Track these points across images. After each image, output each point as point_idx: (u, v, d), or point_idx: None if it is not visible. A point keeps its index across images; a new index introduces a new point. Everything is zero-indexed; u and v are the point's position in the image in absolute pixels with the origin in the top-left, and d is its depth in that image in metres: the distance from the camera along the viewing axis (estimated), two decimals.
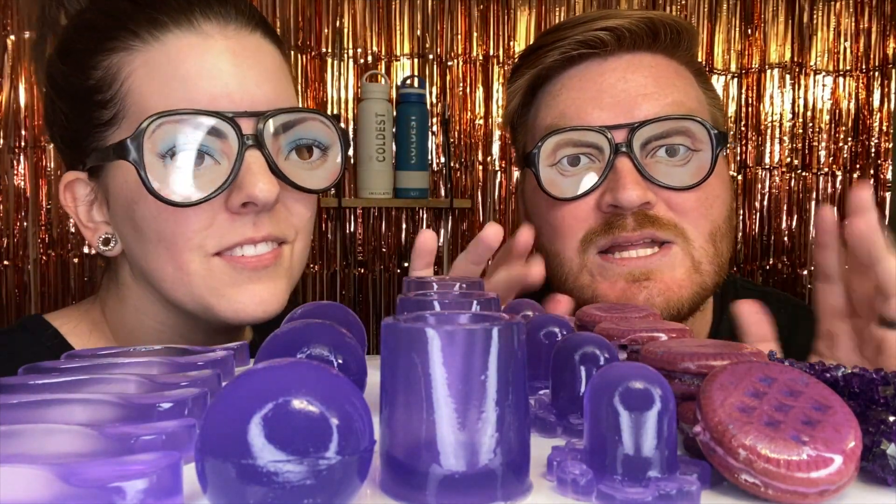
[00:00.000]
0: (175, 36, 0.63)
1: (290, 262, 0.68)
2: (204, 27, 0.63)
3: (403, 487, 0.33)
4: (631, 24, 0.76)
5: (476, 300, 0.51)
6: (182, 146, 0.60)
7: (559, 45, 0.78)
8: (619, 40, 0.77)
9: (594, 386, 0.35)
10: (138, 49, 0.63)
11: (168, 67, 0.62)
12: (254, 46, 0.65)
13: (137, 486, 0.29)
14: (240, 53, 0.64)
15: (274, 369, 0.31)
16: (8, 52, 1.75)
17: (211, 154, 0.62)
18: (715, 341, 0.47)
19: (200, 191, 0.61)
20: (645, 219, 0.74)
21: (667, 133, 0.74)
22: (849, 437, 0.34)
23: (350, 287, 1.91)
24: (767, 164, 2.02)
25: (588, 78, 0.77)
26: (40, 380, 0.46)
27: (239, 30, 0.65)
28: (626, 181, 0.72)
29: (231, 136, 0.61)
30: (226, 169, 0.62)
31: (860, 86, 2.03)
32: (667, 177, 0.74)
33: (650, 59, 0.78)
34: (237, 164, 0.61)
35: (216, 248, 0.64)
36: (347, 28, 1.89)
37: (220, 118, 0.61)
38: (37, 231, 1.79)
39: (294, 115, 0.64)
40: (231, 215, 0.63)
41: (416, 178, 1.80)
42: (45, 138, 1.78)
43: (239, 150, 0.61)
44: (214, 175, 0.62)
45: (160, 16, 0.63)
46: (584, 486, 0.33)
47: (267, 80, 0.65)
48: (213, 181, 0.62)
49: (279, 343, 0.45)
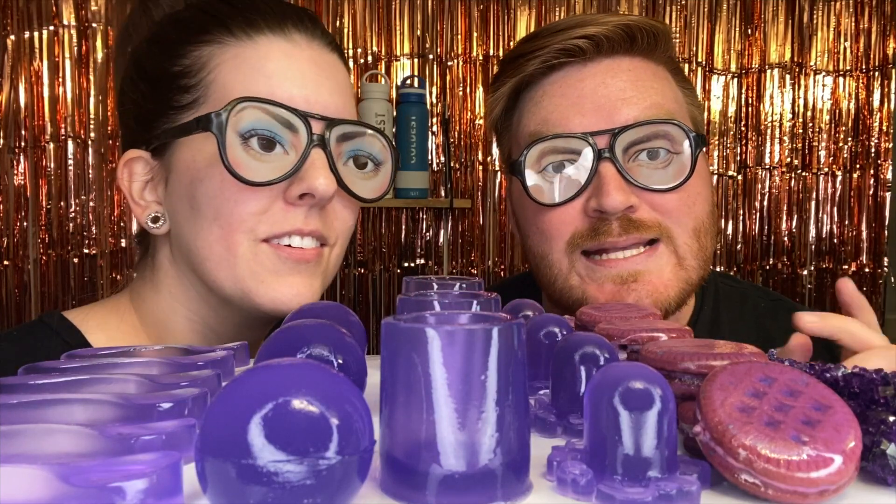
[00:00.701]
0: (267, 38, 0.69)
1: (328, 264, 0.72)
2: (294, 36, 0.70)
3: (403, 487, 0.33)
4: (608, 30, 0.78)
5: (476, 300, 0.52)
6: (260, 131, 0.66)
7: (539, 53, 0.80)
8: (597, 47, 0.79)
9: (594, 386, 0.35)
10: (230, 44, 0.69)
11: (256, 63, 0.68)
12: (332, 63, 0.72)
13: (137, 486, 0.29)
14: (320, 65, 0.70)
15: (274, 369, 0.31)
16: (8, 52, 1.76)
17: (282, 144, 0.67)
18: (715, 341, 0.47)
19: (267, 175, 0.66)
20: (630, 224, 0.76)
21: (647, 137, 0.76)
22: (849, 437, 0.34)
23: (350, 287, 1.91)
24: (767, 164, 2.02)
25: (568, 84, 0.79)
26: (40, 380, 0.46)
27: (322, 46, 0.72)
28: (609, 187, 0.74)
29: (302, 132, 0.66)
30: (293, 160, 0.67)
31: (860, 86, 2.03)
32: (649, 179, 0.76)
33: (628, 63, 0.80)
34: (304, 156, 0.66)
35: (266, 234, 0.67)
36: (347, 28, 1.89)
37: (295, 114, 0.66)
38: (37, 231, 1.79)
39: (358, 128, 0.71)
40: (286, 205, 0.67)
41: (416, 178, 1.80)
42: (45, 138, 1.78)
43: (307, 145, 0.66)
44: (282, 163, 0.67)
45: (257, 18, 0.69)
46: (584, 486, 0.33)
47: (339, 93, 0.71)
48: (279, 168, 0.66)
49: (279, 343, 0.45)
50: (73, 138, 1.79)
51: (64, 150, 1.79)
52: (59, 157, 1.79)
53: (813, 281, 2.04)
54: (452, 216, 1.94)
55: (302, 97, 0.67)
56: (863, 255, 2.05)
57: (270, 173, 0.65)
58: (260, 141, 0.66)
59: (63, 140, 1.79)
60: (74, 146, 1.79)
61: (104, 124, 1.80)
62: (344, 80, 0.73)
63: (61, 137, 1.79)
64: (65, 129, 1.79)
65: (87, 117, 1.80)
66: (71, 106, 1.79)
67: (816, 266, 2.04)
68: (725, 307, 0.92)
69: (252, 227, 0.67)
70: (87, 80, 1.80)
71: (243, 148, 0.65)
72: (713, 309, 0.91)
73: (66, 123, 1.79)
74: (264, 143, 0.66)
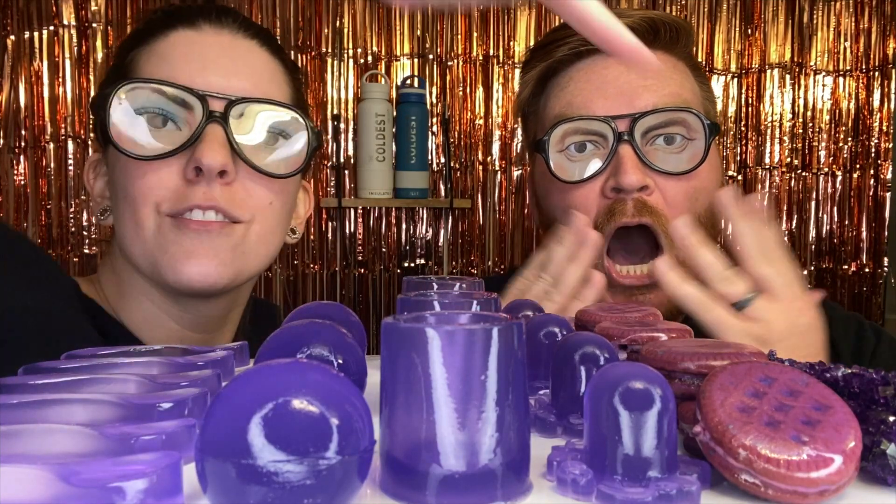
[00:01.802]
0: (177, 32, 0.74)
1: (244, 242, 0.72)
2: (203, 27, 0.74)
3: (403, 487, 0.33)
4: (633, 22, 0.82)
5: (476, 300, 0.52)
6: (150, 109, 0.69)
7: (568, 40, 0.85)
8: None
9: (594, 386, 0.35)
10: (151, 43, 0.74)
11: (163, 53, 0.73)
12: (244, 47, 0.75)
13: (137, 486, 0.29)
14: (228, 49, 0.74)
15: (274, 369, 0.31)
16: (8, 52, 1.76)
17: (174, 120, 0.70)
18: (715, 341, 0.47)
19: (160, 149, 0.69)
20: (643, 207, 0.80)
21: (665, 123, 0.81)
22: (849, 437, 0.34)
23: (350, 287, 1.91)
24: (767, 164, 2.02)
25: (594, 71, 0.83)
26: (40, 380, 0.46)
27: (234, 33, 0.75)
28: (627, 166, 0.78)
29: (197, 109, 0.69)
30: (186, 135, 0.70)
31: (860, 86, 2.03)
32: (664, 163, 0.81)
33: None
34: (197, 132, 0.68)
35: (169, 210, 0.70)
36: (347, 28, 1.89)
37: (186, 91, 0.69)
38: (37, 231, 1.79)
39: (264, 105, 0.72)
40: (186, 182, 0.69)
41: (416, 178, 1.80)
42: (45, 138, 1.78)
43: (201, 121, 0.69)
44: (174, 139, 0.70)
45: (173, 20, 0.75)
46: (584, 486, 0.33)
47: (248, 75, 0.73)
48: (171, 144, 0.69)
49: (279, 343, 0.45)
50: (73, 138, 1.79)
51: (64, 150, 1.79)
52: (59, 157, 1.79)
53: (813, 281, 2.04)
54: (452, 216, 1.94)
55: (202, 77, 0.71)
56: (863, 255, 2.05)
57: (161, 148, 0.69)
58: (149, 118, 0.69)
59: (63, 140, 1.79)
60: (74, 146, 1.79)
61: None
62: (260, 64, 0.75)
63: (61, 137, 1.79)
64: (65, 129, 1.79)
65: (87, 117, 1.80)
66: (71, 106, 1.79)
67: (816, 266, 2.04)
68: None
69: (155, 201, 0.69)
70: (87, 80, 1.80)
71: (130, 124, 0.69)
72: None
73: (66, 123, 1.79)
74: (153, 119, 0.69)
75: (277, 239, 0.78)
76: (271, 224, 0.75)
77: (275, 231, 0.76)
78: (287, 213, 0.78)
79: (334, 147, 1.86)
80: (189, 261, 0.69)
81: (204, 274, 0.69)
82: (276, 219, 0.75)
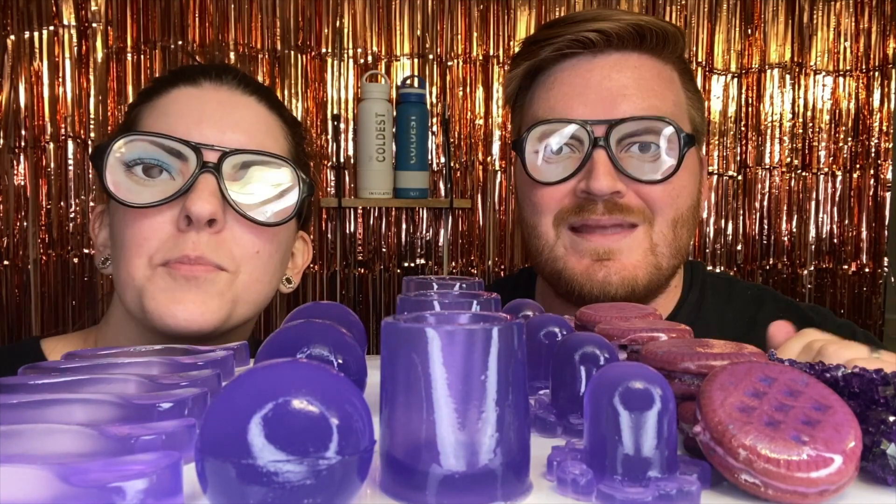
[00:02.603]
0: (178, 89, 0.77)
1: (232, 289, 0.74)
2: (202, 83, 0.77)
3: (403, 487, 0.33)
4: (619, 27, 0.83)
5: (476, 300, 0.52)
6: (146, 160, 0.72)
7: (554, 41, 0.86)
8: (607, 40, 0.84)
9: (594, 386, 0.35)
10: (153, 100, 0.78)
11: (164, 108, 0.76)
12: (241, 102, 0.78)
13: (137, 486, 0.29)
14: (225, 103, 0.76)
15: (274, 369, 0.31)
16: (8, 52, 1.76)
17: (169, 171, 0.72)
18: (715, 341, 0.47)
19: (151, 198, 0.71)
20: (614, 206, 0.82)
21: (640, 131, 0.82)
22: (849, 437, 0.34)
23: (350, 287, 1.91)
24: (767, 164, 2.02)
25: (577, 73, 0.85)
26: (40, 380, 0.46)
27: (232, 89, 0.78)
28: (599, 172, 0.80)
29: (191, 159, 0.71)
30: (179, 185, 0.71)
31: (860, 86, 2.03)
32: (638, 170, 0.82)
33: (636, 60, 0.85)
34: (191, 181, 0.70)
35: (161, 260, 0.72)
36: (347, 28, 1.89)
37: (180, 142, 0.71)
38: (37, 231, 1.79)
39: (257, 156, 0.74)
40: (177, 232, 0.71)
41: (416, 178, 1.80)
42: (45, 138, 1.78)
43: (194, 171, 0.71)
44: (168, 188, 0.71)
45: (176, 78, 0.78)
46: (584, 486, 0.33)
47: (244, 128, 0.75)
48: (164, 193, 0.71)
49: (279, 343, 0.45)
50: (73, 138, 1.79)
51: (64, 150, 1.79)
52: (59, 157, 1.79)
53: (813, 281, 2.04)
54: (452, 216, 1.94)
55: (198, 131, 0.73)
56: (863, 255, 2.05)
57: (152, 197, 0.71)
58: (144, 168, 0.72)
59: (63, 140, 1.79)
60: (74, 146, 1.79)
61: (104, 124, 1.80)
62: (254, 117, 0.78)
63: (61, 137, 1.79)
64: (65, 129, 1.79)
65: (87, 117, 1.80)
66: (71, 106, 1.79)
67: (816, 266, 2.04)
68: (712, 293, 0.97)
69: (148, 251, 0.72)
70: (87, 80, 1.80)
71: (126, 174, 0.72)
72: (700, 294, 0.97)
73: (66, 123, 1.79)
74: (149, 170, 0.72)
75: (267, 288, 0.79)
76: (258, 273, 0.76)
77: (262, 280, 0.77)
78: (277, 262, 0.79)
79: (334, 147, 1.86)
80: (177, 306, 0.71)
81: (190, 319, 0.71)
82: (263, 267, 0.76)
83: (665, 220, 0.84)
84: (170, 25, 1.80)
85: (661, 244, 0.85)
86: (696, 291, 0.96)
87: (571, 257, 0.85)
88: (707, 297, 0.96)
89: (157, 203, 0.71)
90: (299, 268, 0.87)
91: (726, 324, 0.94)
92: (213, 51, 1.80)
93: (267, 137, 0.78)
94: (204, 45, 1.80)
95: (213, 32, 1.81)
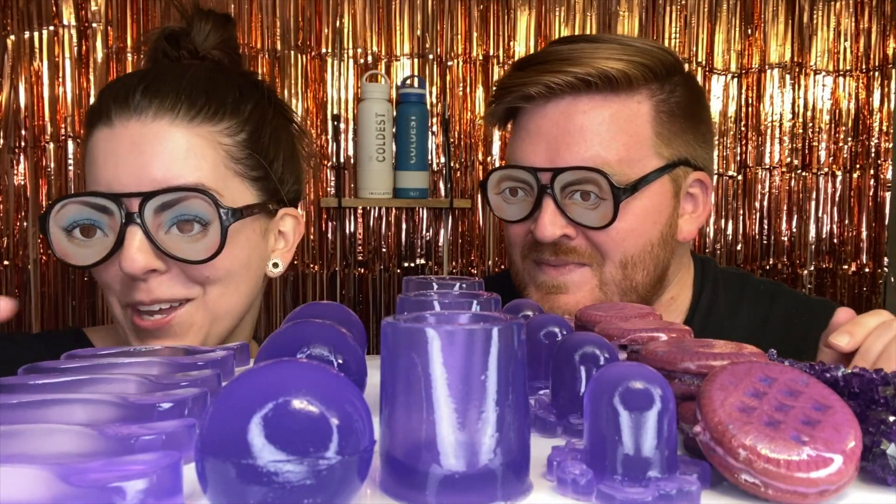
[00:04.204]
0: (98, 130, 0.76)
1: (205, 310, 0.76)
2: (113, 120, 0.75)
3: (403, 487, 0.33)
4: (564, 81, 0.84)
5: (476, 300, 0.52)
6: (81, 221, 0.73)
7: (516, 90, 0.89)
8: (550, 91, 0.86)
9: (594, 386, 0.35)
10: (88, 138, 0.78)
11: (91, 154, 0.76)
12: (153, 133, 0.74)
13: (137, 486, 0.29)
14: (137, 141, 0.74)
15: (274, 369, 0.31)
16: (8, 52, 1.76)
17: (101, 227, 0.73)
18: (715, 341, 0.47)
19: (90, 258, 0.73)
20: (562, 249, 0.86)
21: (580, 181, 0.84)
22: (849, 437, 0.34)
23: (350, 287, 1.91)
24: (767, 164, 2.02)
25: (532, 120, 0.89)
26: (40, 380, 0.46)
27: (142, 119, 0.74)
28: (543, 221, 0.85)
29: (116, 213, 0.71)
30: (112, 241, 0.72)
31: (860, 86, 2.03)
32: (582, 217, 0.85)
33: (586, 103, 0.86)
34: (119, 238, 0.71)
35: (125, 302, 0.75)
36: (347, 28, 1.89)
37: (102, 197, 0.72)
38: (37, 231, 1.79)
39: (174, 194, 0.72)
40: (128, 279, 0.73)
41: (416, 178, 1.80)
42: (45, 138, 1.78)
43: (121, 225, 0.71)
44: (103, 246, 0.73)
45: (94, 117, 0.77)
46: (584, 486, 0.33)
47: (160, 163, 0.73)
48: (100, 252, 0.73)
49: (279, 343, 0.45)
50: (73, 138, 1.79)
51: (64, 150, 1.79)
52: (59, 157, 1.79)
53: (813, 281, 2.04)
54: (452, 216, 1.94)
55: (115, 178, 0.73)
56: (863, 255, 2.05)
57: (93, 257, 0.73)
58: (81, 230, 0.73)
59: (63, 140, 1.79)
60: (74, 146, 1.79)
61: None
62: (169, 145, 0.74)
63: (61, 137, 1.78)
64: (65, 129, 1.79)
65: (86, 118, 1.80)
66: (71, 106, 1.79)
67: (816, 266, 2.04)
68: (724, 289, 0.98)
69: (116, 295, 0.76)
70: (87, 80, 1.80)
71: (68, 239, 0.74)
72: (712, 292, 0.97)
73: (66, 123, 1.79)
74: (85, 230, 0.73)
75: (241, 292, 0.79)
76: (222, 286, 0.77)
77: (227, 291, 0.77)
78: (242, 266, 0.78)
79: (334, 147, 1.86)
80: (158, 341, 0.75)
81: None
82: (225, 280, 0.77)
83: (613, 262, 0.87)
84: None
85: (610, 283, 0.88)
86: (707, 291, 0.97)
87: (531, 287, 0.91)
88: (720, 295, 0.97)
89: (97, 263, 0.73)
90: (290, 245, 0.85)
91: (740, 321, 0.95)
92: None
93: (187, 162, 0.74)
94: None
95: None
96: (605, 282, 0.88)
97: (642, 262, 0.88)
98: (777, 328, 0.95)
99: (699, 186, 0.92)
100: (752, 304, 0.97)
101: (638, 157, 0.86)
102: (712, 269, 1.00)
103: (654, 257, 0.89)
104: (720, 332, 0.92)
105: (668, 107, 0.88)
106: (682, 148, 0.89)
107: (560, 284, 0.88)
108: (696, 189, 0.91)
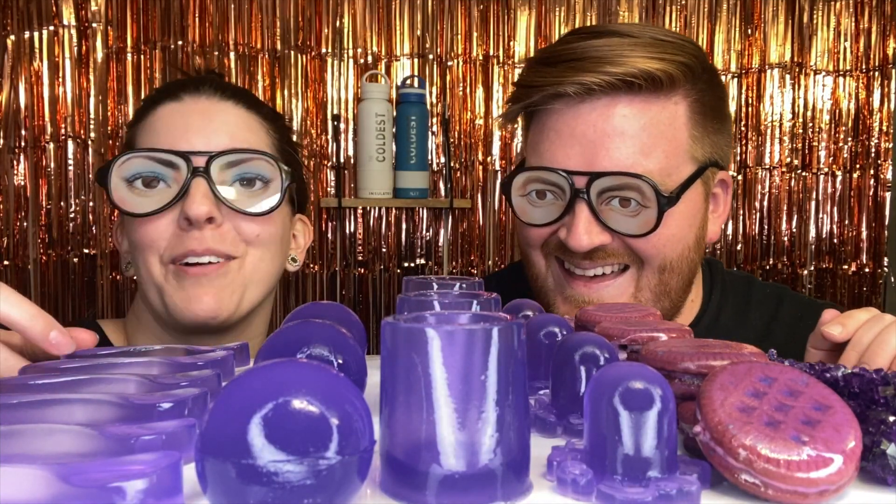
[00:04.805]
0: (163, 106, 0.85)
1: (243, 272, 0.83)
2: (182, 97, 0.85)
3: (403, 487, 0.33)
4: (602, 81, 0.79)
5: (476, 300, 0.52)
6: (143, 173, 0.80)
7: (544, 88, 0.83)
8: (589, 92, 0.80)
9: (594, 386, 0.35)
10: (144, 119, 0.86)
11: (152, 125, 0.84)
12: (220, 108, 0.85)
13: (137, 486, 0.29)
14: (206, 112, 0.84)
15: (274, 369, 0.31)
16: (8, 52, 1.76)
17: (164, 180, 0.80)
18: (715, 341, 0.47)
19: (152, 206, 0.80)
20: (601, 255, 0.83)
21: (620, 186, 0.80)
22: (849, 437, 0.34)
23: (350, 287, 1.91)
24: (767, 164, 2.02)
25: (563, 121, 0.83)
26: (40, 380, 0.46)
27: (210, 97, 0.86)
28: (578, 229, 0.80)
29: (182, 167, 0.79)
30: (175, 191, 0.79)
31: (860, 86, 2.03)
32: (619, 224, 0.81)
33: (625, 106, 0.81)
34: (184, 187, 0.78)
35: (169, 257, 0.80)
36: (347, 28, 1.89)
37: (170, 153, 0.79)
38: (37, 231, 1.79)
39: (240, 154, 0.81)
40: (180, 231, 0.79)
41: (416, 178, 1.80)
42: (45, 138, 1.78)
43: (186, 177, 0.78)
44: (165, 196, 0.80)
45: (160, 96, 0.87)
46: (584, 486, 0.33)
47: (226, 131, 0.83)
48: (162, 201, 0.79)
49: (279, 343, 0.45)
50: (73, 138, 1.79)
51: (64, 150, 1.79)
52: (59, 157, 1.79)
53: (813, 281, 2.04)
54: (452, 216, 1.94)
55: (185, 140, 0.81)
56: (863, 255, 2.05)
57: (152, 205, 0.80)
58: (144, 181, 0.80)
59: (63, 140, 1.79)
60: (74, 146, 1.79)
61: (104, 124, 1.80)
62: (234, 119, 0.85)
63: (61, 137, 1.78)
64: (65, 129, 1.79)
65: (87, 117, 1.80)
66: (71, 106, 1.79)
67: (816, 266, 2.04)
68: (732, 294, 0.97)
69: (159, 251, 0.81)
70: (87, 80, 1.80)
71: (128, 188, 0.81)
72: (721, 294, 0.97)
73: (66, 123, 1.79)
74: (148, 182, 0.80)
75: (274, 265, 0.87)
76: (262, 251, 0.84)
77: (265, 257, 0.85)
78: (279, 240, 0.87)
79: (334, 147, 1.86)
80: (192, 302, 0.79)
81: (207, 311, 0.79)
82: (266, 246, 0.85)
83: (652, 267, 0.84)
84: (170, 25, 1.80)
85: (645, 289, 0.85)
86: (717, 293, 0.96)
87: (558, 298, 0.87)
88: (728, 300, 0.96)
89: (158, 210, 0.79)
90: (302, 247, 0.95)
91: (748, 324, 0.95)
92: (212, 51, 1.80)
93: (248, 135, 0.85)
94: (204, 46, 1.80)
95: (213, 32, 1.81)
96: (641, 287, 0.85)
97: (679, 266, 0.85)
98: (784, 331, 0.94)
99: (721, 186, 0.90)
100: (759, 308, 0.96)
101: (676, 163, 0.82)
102: (720, 271, 0.99)
103: (690, 261, 0.87)
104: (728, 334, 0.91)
105: (701, 107, 0.84)
106: (711, 149, 0.86)
107: (594, 300, 0.84)
108: (719, 189, 0.90)
